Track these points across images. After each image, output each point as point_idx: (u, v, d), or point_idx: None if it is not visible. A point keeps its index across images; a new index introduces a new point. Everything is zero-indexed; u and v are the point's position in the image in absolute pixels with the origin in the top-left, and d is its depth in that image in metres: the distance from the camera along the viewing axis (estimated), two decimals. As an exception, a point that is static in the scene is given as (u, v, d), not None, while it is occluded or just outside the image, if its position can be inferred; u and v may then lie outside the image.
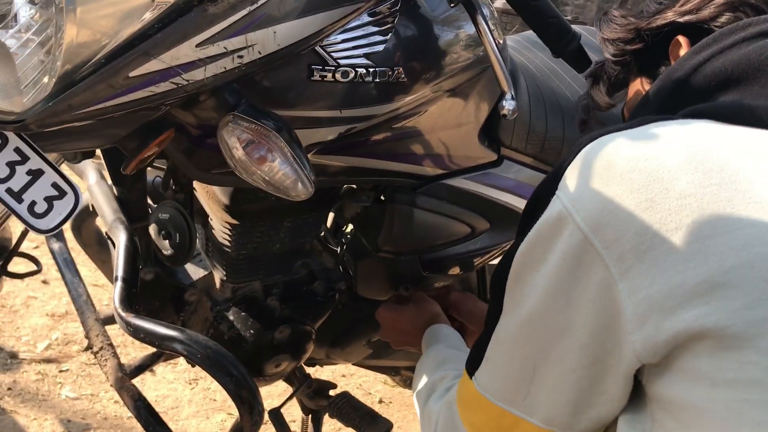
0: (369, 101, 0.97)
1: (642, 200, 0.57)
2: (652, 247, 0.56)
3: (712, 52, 0.72)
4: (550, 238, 0.63)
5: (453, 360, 1.03)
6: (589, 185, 0.60)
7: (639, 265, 0.57)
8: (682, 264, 0.55)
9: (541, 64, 1.43)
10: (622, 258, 0.57)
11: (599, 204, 0.59)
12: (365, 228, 1.27)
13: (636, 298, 0.57)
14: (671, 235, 0.56)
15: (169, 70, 0.70)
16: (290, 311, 1.32)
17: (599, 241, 0.59)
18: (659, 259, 0.56)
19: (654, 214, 0.56)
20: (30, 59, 0.71)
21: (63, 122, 0.73)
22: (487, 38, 0.92)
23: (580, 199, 0.61)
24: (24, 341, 2.13)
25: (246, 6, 0.70)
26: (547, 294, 0.64)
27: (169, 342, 0.94)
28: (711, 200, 0.55)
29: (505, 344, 0.71)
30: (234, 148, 0.81)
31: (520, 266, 0.68)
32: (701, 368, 0.55)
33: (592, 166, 0.61)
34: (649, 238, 0.56)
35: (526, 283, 0.66)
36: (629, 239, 0.57)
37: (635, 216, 0.57)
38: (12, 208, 0.78)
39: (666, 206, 0.56)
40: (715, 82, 0.69)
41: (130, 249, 1.05)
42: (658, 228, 0.56)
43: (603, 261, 0.58)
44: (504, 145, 1.27)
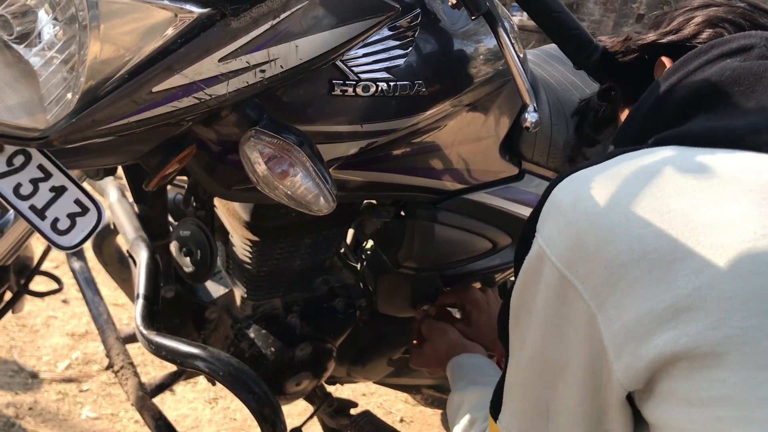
0: (389, 116, 0.97)
1: (605, 232, 0.58)
2: (621, 278, 0.57)
3: (679, 77, 0.74)
4: (534, 279, 0.65)
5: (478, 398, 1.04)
6: (559, 224, 0.63)
7: (611, 296, 0.58)
8: (649, 291, 0.56)
9: (561, 77, 1.42)
10: (596, 291, 0.59)
11: (569, 241, 0.61)
12: (385, 244, 1.26)
13: (613, 328, 0.58)
14: (636, 265, 0.57)
15: (191, 85, 0.70)
16: (311, 329, 1.31)
17: (575, 277, 0.60)
18: (629, 288, 0.57)
19: (617, 245, 0.58)
20: (53, 76, 0.71)
21: (86, 138, 0.73)
22: (508, 50, 0.91)
23: (552, 237, 0.63)
24: (45, 361, 2.14)
25: (268, 20, 0.70)
26: (542, 333, 0.65)
27: (191, 360, 0.94)
28: (671, 226, 0.56)
29: (517, 386, 0.73)
30: (256, 163, 0.81)
31: (516, 308, 0.70)
32: (678, 389, 0.56)
33: (560, 205, 0.63)
34: (616, 269, 0.57)
35: (524, 324, 0.68)
36: (600, 272, 0.58)
37: (600, 249, 0.58)
38: (35, 224, 0.78)
39: (627, 237, 0.57)
40: (685, 106, 0.71)
41: (151, 267, 1.05)
42: (622, 259, 0.57)
43: (581, 296, 0.60)
44: (525, 159, 1.26)
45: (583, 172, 0.65)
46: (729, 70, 0.69)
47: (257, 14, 0.69)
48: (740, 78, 0.68)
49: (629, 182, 0.61)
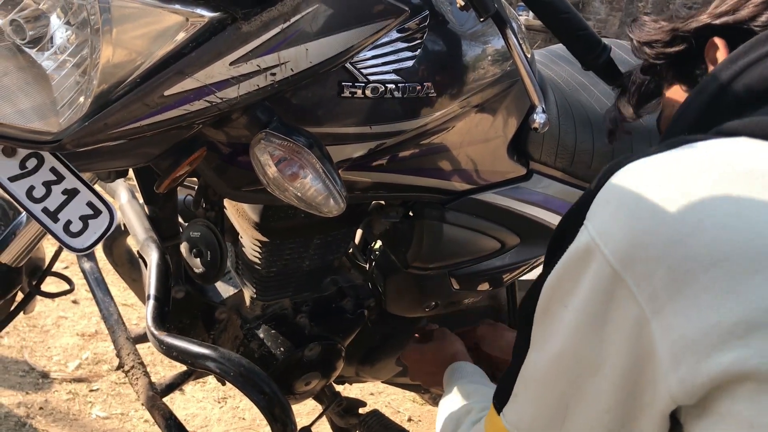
0: (398, 117, 0.97)
1: (674, 233, 0.54)
2: (686, 284, 0.53)
3: (748, 62, 0.68)
4: (578, 272, 0.60)
5: (477, 393, 1.02)
6: (618, 216, 0.57)
7: (672, 303, 0.53)
8: (718, 302, 0.51)
9: (569, 77, 1.42)
10: (655, 295, 0.54)
11: (629, 237, 0.56)
12: (394, 244, 1.26)
13: (670, 338, 0.54)
14: (706, 272, 0.52)
15: (203, 89, 0.71)
16: (320, 329, 1.32)
17: (630, 277, 0.55)
18: (694, 297, 0.52)
19: (687, 248, 0.53)
20: (66, 80, 0.72)
21: (98, 142, 0.74)
22: (516, 51, 0.92)
23: (609, 231, 0.57)
24: (55, 361, 2.15)
25: (279, 24, 0.71)
26: (578, 330, 0.61)
27: (202, 360, 0.94)
28: (748, 232, 0.52)
29: (534, 381, 0.68)
30: (267, 165, 0.82)
31: (548, 300, 0.65)
32: (741, 412, 0.51)
33: (621, 196, 0.58)
34: (682, 274, 0.53)
35: (555, 318, 0.64)
36: (662, 276, 0.54)
37: (667, 251, 0.54)
38: (48, 227, 0.79)
39: (699, 240, 0.53)
40: (753, 95, 0.66)
41: (162, 268, 1.05)
42: (691, 264, 0.52)
43: (635, 298, 0.55)
44: (533, 159, 1.26)
45: (646, 160, 0.60)
46: None
47: (268, 18, 0.70)
48: None
49: (700, 178, 0.56)
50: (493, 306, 1.62)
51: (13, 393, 1.97)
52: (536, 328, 0.67)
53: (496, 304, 1.63)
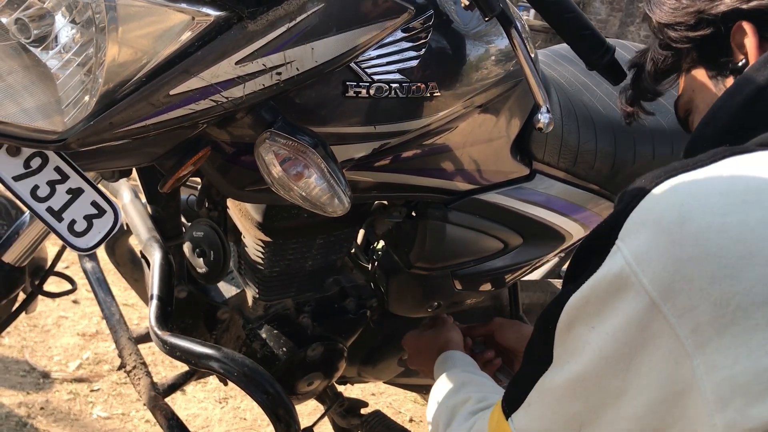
0: (403, 117, 0.97)
1: (722, 266, 0.49)
2: (735, 322, 0.49)
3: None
4: (609, 297, 0.57)
5: (472, 383, 1.02)
6: (658, 242, 0.53)
7: (718, 340, 0.49)
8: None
9: (572, 77, 1.42)
10: (698, 330, 0.50)
11: (670, 266, 0.51)
12: (397, 244, 1.26)
13: (716, 377, 0.50)
14: (758, 309, 0.48)
15: (209, 88, 0.71)
16: (322, 329, 1.32)
17: (670, 309, 0.51)
18: (744, 335, 0.48)
19: (737, 283, 0.49)
20: (71, 79, 0.72)
21: (103, 141, 0.73)
22: (521, 51, 0.92)
23: (647, 258, 0.53)
24: (56, 361, 2.15)
25: (285, 23, 0.70)
26: (604, 355, 0.58)
27: (206, 360, 0.94)
28: None
29: (550, 396, 0.65)
30: (271, 165, 0.82)
31: (572, 318, 0.62)
32: None
33: (660, 219, 0.53)
34: (731, 310, 0.49)
35: (579, 338, 0.61)
36: (706, 310, 0.50)
37: (714, 284, 0.49)
38: (52, 226, 0.79)
39: (751, 274, 0.48)
40: None
41: (165, 268, 1.05)
42: (741, 299, 0.48)
43: (673, 331, 0.51)
44: (536, 160, 1.26)
45: (686, 177, 0.55)
46: None
47: (274, 17, 0.69)
48: None
49: (749, 200, 0.51)
50: (495, 306, 1.62)
51: (14, 393, 1.96)
52: (558, 343, 0.64)
53: (498, 304, 1.63)
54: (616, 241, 0.57)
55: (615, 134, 1.34)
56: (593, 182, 1.35)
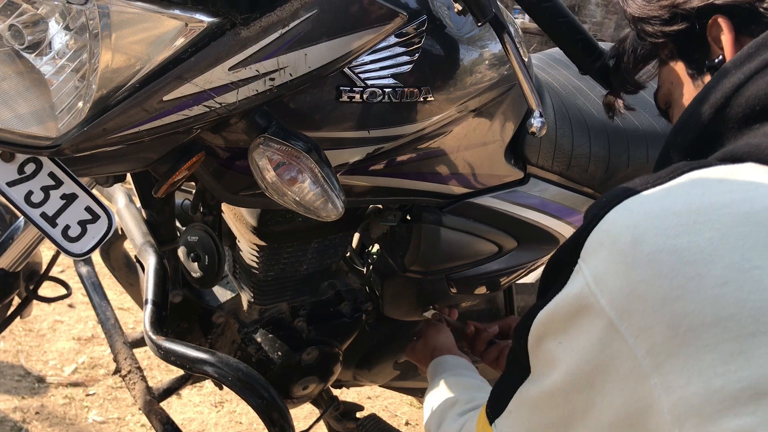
0: (396, 121, 0.97)
1: (673, 287, 0.49)
2: (686, 342, 0.48)
3: (754, 68, 0.62)
4: (572, 315, 0.57)
5: (459, 385, 1.03)
6: (614, 263, 0.53)
7: (672, 360, 0.49)
8: (721, 366, 0.47)
9: (566, 81, 1.43)
10: (653, 350, 0.50)
11: (626, 288, 0.52)
12: (392, 248, 1.27)
13: (671, 397, 0.50)
14: (708, 331, 0.48)
15: (202, 94, 0.71)
16: (317, 333, 1.32)
17: (627, 329, 0.52)
18: (695, 357, 0.48)
19: (687, 304, 0.49)
20: (64, 85, 0.72)
21: (97, 147, 0.73)
22: (514, 56, 0.92)
23: (605, 279, 0.54)
24: (51, 365, 2.15)
25: (278, 29, 0.71)
26: (570, 371, 0.58)
27: (200, 365, 0.94)
28: (753, 288, 0.47)
29: (527, 406, 0.66)
30: (265, 170, 0.82)
31: (540, 333, 0.63)
32: None
33: (616, 240, 0.54)
34: (682, 331, 0.49)
35: (549, 352, 0.62)
36: (660, 330, 0.50)
37: (666, 305, 0.49)
38: (46, 232, 0.79)
39: (700, 296, 0.48)
40: (760, 107, 0.60)
41: (159, 272, 1.05)
42: (692, 320, 0.48)
43: (631, 350, 0.52)
44: (530, 163, 1.27)
45: (643, 197, 0.56)
46: None
47: (267, 23, 0.70)
48: None
49: (701, 221, 0.51)
50: (490, 309, 1.63)
51: (9, 398, 1.96)
52: (531, 356, 0.66)
53: (493, 307, 1.63)
54: (578, 260, 0.57)
55: (609, 138, 1.35)
56: (587, 185, 1.35)
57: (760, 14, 0.69)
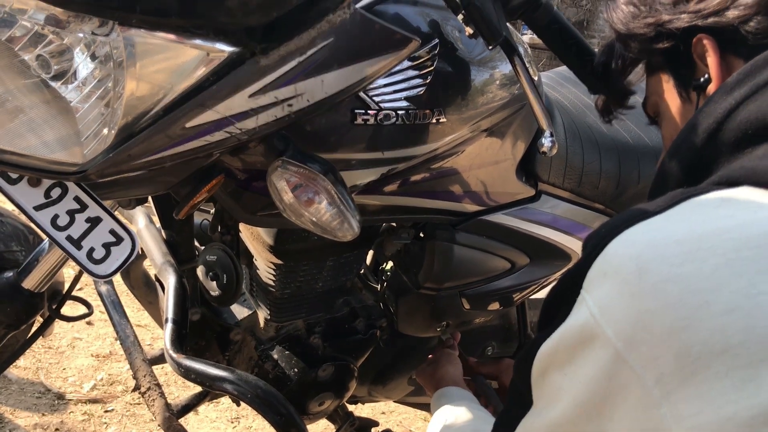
0: (410, 142, 0.99)
1: (680, 317, 0.49)
2: (696, 372, 0.48)
3: (745, 93, 0.63)
4: (578, 346, 0.57)
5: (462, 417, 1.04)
6: (619, 294, 0.53)
7: (683, 389, 0.49)
8: (733, 393, 0.47)
9: (576, 99, 1.44)
10: (662, 380, 0.50)
11: (632, 318, 0.52)
12: (406, 265, 1.28)
13: (684, 425, 0.49)
14: (717, 359, 0.47)
15: (223, 120, 0.73)
16: (333, 349, 1.33)
17: (634, 360, 0.51)
18: (706, 385, 0.48)
19: (695, 334, 0.48)
20: (90, 112, 0.74)
21: (121, 172, 0.76)
22: (524, 78, 0.94)
23: (610, 309, 0.53)
24: (70, 382, 2.17)
25: (296, 57, 0.73)
26: (577, 402, 0.58)
27: (220, 382, 0.96)
28: (761, 314, 0.47)
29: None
30: (283, 192, 0.84)
31: (545, 365, 0.62)
32: None
33: (619, 270, 0.53)
34: (691, 360, 0.48)
35: (554, 383, 0.61)
36: (669, 360, 0.49)
37: (674, 335, 0.49)
38: (72, 254, 0.81)
39: (708, 324, 0.48)
40: (752, 131, 0.60)
41: (179, 291, 1.07)
42: (700, 350, 0.48)
43: (640, 380, 0.51)
44: (542, 181, 1.28)
45: (644, 226, 0.56)
46: None
47: (285, 52, 0.72)
48: None
49: (704, 248, 0.51)
50: (503, 325, 1.64)
51: (30, 414, 1.99)
52: (534, 388, 0.65)
53: (506, 323, 1.64)
54: (581, 291, 0.57)
55: (619, 154, 1.36)
56: (598, 202, 1.37)
57: (744, 36, 0.70)
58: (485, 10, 0.88)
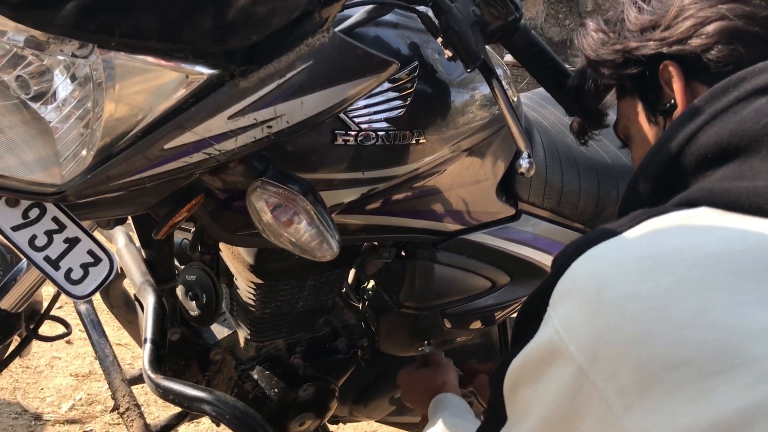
0: (390, 163, 1.00)
1: (637, 333, 0.51)
2: (652, 386, 0.50)
3: (705, 118, 0.65)
4: (544, 363, 0.59)
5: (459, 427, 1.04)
6: (581, 311, 0.55)
7: (641, 402, 0.51)
8: (687, 406, 0.48)
9: (555, 120, 1.46)
10: (623, 393, 0.52)
11: (593, 334, 0.54)
12: (387, 284, 1.29)
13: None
14: (672, 373, 0.49)
15: (202, 142, 0.74)
16: (314, 369, 1.33)
17: (596, 375, 0.53)
18: (662, 398, 0.50)
19: (651, 348, 0.50)
20: (69, 133, 0.74)
21: (100, 193, 0.76)
22: (502, 100, 0.95)
23: (573, 326, 0.55)
24: (48, 402, 2.15)
25: (275, 80, 0.73)
26: (545, 418, 0.59)
27: (198, 403, 0.96)
28: (710, 329, 0.49)
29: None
30: (262, 212, 0.84)
31: (515, 381, 0.64)
32: None
33: (582, 288, 0.56)
34: (648, 375, 0.50)
35: (524, 399, 0.63)
36: (628, 375, 0.51)
37: (632, 350, 0.51)
38: (49, 275, 0.81)
39: (663, 340, 0.50)
40: (711, 155, 0.63)
41: (158, 311, 1.07)
42: (656, 364, 0.50)
43: (602, 395, 0.53)
44: (521, 200, 1.29)
45: (605, 245, 0.58)
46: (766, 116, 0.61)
47: (264, 74, 0.72)
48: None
49: (660, 266, 0.53)
50: (485, 344, 1.64)
51: (6, 435, 1.96)
52: (508, 403, 0.66)
53: (488, 341, 1.64)
54: (547, 308, 0.59)
55: (598, 174, 1.38)
56: (578, 221, 1.38)
57: (706, 63, 0.72)
58: (463, 34, 0.90)
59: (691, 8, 0.74)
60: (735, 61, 0.71)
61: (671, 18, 0.75)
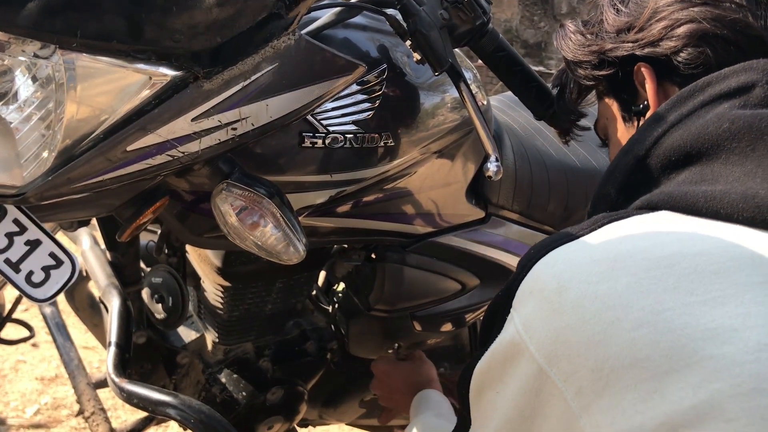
0: (358, 165, 1.00)
1: (595, 332, 0.52)
2: (609, 384, 0.51)
3: (672, 121, 0.67)
4: (507, 363, 0.59)
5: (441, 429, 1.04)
6: (541, 311, 0.56)
7: (599, 401, 0.52)
8: (640, 404, 0.50)
9: (525, 123, 1.47)
10: (581, 393, 0.53)
11: (553, 334, 0.55)
12: (357, 287, 1.28)
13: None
14: (627, 372, 0.50)
15: (165, 144, 0.73)
16: (282, 372, 1.33)
17: (555, 374, 0.54)
18: (617, 397, 0.51)
19: (607, 348, 0.51)
20: (30, 134, 0.73)
21: (61, 195, 0.74)
22: (470, 104, 0.96)
23: (533, 326, 0.57)
24: (12, 406, 2.11)
25: (240, 82, 0.73)
26: (507, 419, 0.60)
27: (163, 407, 0.95)
28: (665, 329, 0.50)
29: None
30: (227, 215, 0.83)
31: (479, 384, 0.65)
32: None
33: (543, 288, 0.57)
34: (605, 374, 0.51)
35: (488, 401, 0.63)
36: (586, 374, 0.52)
37: (589, 350, 0.52)
38: (10, 278, 0.79)
39: (619, 339, 0.51)
40: (675, 158, 0.65)
41: (123, 314, 1.06)
42: (612, 364, 0.51)
43: (562, 394, 0.54)
44: (491, 203, 1.30)
45: (567, 247, 0.59)
46: (727, 121, 0.62)
47: (229, 76, 0.72)
48: (739, 133, 0.61)
49: (618, 267, 0.54)
50: (456, 346, 1.65)
51: (-32, 441, 1.92)
52: (472, 407, 0.67)
53: (458, 344, 1.65)
54: (510, 309, 0.60)
55: (567, 177, 1.39)
56: (547, 224, 1.39)
57: (677, 65, 0.73)
58: (431, 37, 0.90)
59: (665, 10, 0.75)
60: (704, 64, 0.72)
61: (645, 20, 0.76)
